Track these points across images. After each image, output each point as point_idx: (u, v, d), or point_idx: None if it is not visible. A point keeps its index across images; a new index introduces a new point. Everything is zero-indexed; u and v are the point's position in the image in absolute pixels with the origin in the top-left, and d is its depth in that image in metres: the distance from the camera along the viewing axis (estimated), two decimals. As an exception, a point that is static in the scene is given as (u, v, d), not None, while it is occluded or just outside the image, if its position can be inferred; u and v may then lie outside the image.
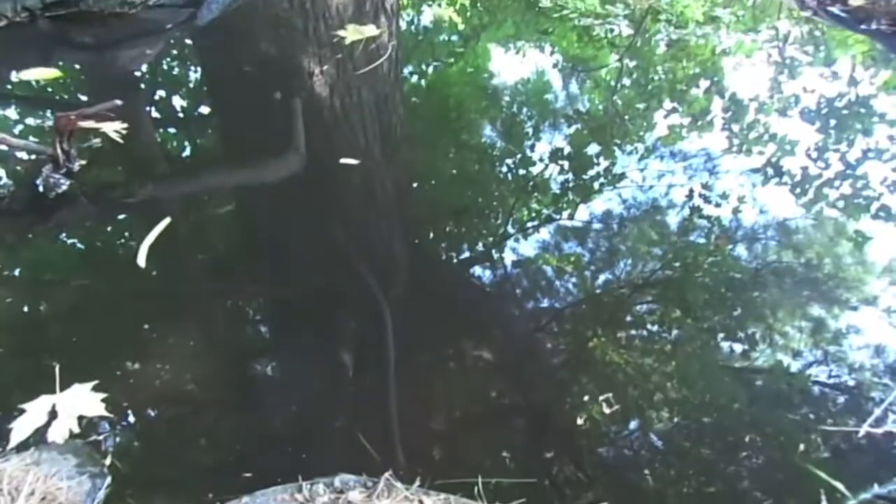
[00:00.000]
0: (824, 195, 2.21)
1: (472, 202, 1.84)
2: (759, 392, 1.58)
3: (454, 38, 3.39)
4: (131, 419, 1.46)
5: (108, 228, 1.99)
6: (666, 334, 1.72)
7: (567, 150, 2.44)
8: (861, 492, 1.32)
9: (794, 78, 2.97)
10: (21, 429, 1.35)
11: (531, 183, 2.22)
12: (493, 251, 2.00)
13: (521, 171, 2.33)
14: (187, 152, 2.40)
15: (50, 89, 2.63)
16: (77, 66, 2.81)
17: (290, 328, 1.75)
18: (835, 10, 3.17)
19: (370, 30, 3.07)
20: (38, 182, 1.99)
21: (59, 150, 2.00)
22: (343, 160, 2.22)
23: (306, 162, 2.25)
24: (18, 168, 2.03)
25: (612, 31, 3.44)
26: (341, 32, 3.03)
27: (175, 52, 3.01)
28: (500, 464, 1.39)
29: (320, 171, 2.21)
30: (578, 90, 3.00)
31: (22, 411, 1.38)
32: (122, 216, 2.03)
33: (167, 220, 1.92)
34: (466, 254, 1.95)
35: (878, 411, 1.48)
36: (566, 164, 2.36)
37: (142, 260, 1.80)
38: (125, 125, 2.12)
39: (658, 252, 1.97)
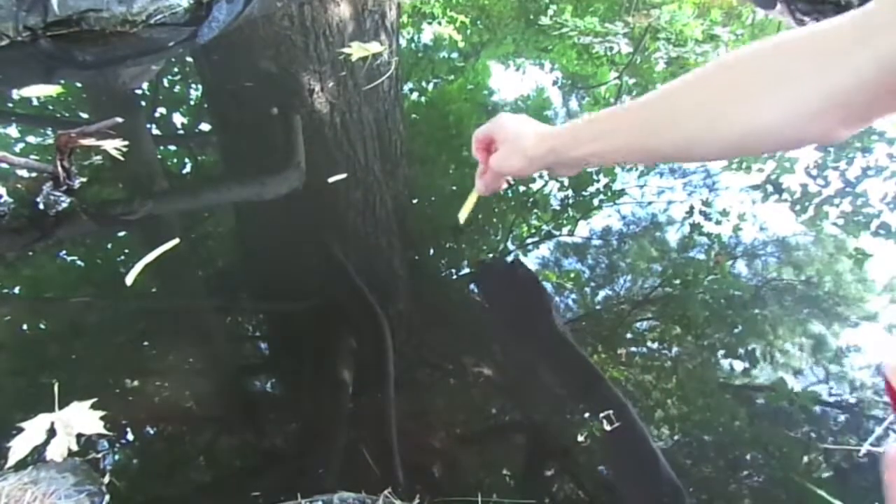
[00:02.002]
0: (824, 212, 2.21)
1: (472, 218, 1.84)
2: (760, 410, 1.57)
3: (454, 55, 3.40)
4: (130, 437, 1.45)
5: (109, 246, 2.00)
6: (666, 351, 1.71)
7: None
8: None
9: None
10: (19, 447, 1.35)
11: (531, 199, 2.22)
12: (493, 267, 2.00)
13: (521, 187, 2.33)
14: (188, 169, 2.40)
15: (51, 107, 2.64)
16: (78, 85, 2.82)
17: (290, 345, 1.75)
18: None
19: (374, 47, 3.09)
20: (38, 200, 2.00)
21: (59, 168, 2.01)
22: (331, 178, 2.23)
23: (306, 178, 2.26)
24: (19, 186, 2.03)
25: (611, 49, 3.46)
26: (346, 49, 3.05)
27: (176, 69, 3.03)
28: (500, 482, 1.39)
29: (320, 187, 2.21)
30: (578, 107, 3.01)
31: (20, 429, 1.38)
32: (122, 233, 2.03)
33: (174, 242, 1.92)
34: (466, 270, 1.95)
35: (879, 430, 1.48)
36: (565, 179, 2.36)
37: (130, 279, 1.80)
38: (126, 142, 2.13)
39: (658, 269, 1.97)
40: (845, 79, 0.70)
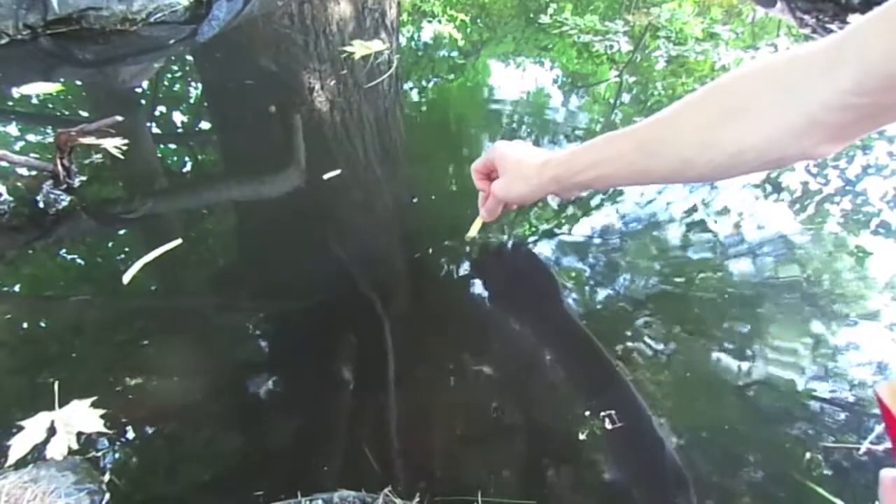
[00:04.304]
0: (824, 210, 2.21)
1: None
2: (759, 407, 1.57)
3: (454, 53, 3.40)
4: (130, 435, 1.45)
5: (109, 244, 2.00)
6: (666, 350, 1.71)
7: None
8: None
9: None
10: (19, 445, 1.35)
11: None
12: (493, 266, 2.00)
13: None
14: (187, 168, 2.40)
15: (51, 105, 2.64)
16: (78, 83, 2.82)
17: (290, 343, 1.75)
18: (833, 27, 3.19)
19: (376, 45, 3.10)
20: (38, 198, 2.00)
21: (59, 166, 2.01)
22: (326, 175, 2.23)
23: (306, 177, 2.26)
24: (19, 184, 2.03)
25: (611, 47, 3.46)
26: (349, 48, 3.06)
27: (176, 67, 3.02)
28: (501, 481, 1.39)
29: (320, 185, 2.21)
30: (578, 106, 3.00)
31: (20, 428, 1.38)
32: (122, 231, 2.03)
33: (177, 242, 1.92)
34: (466, 268, 1.95)
35: (878, 428, 1.47)
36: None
37: (127, 277, 1.80)
38: (126, 141, 2.13)
39: (657, 267, 1.97)
40: (820, 102, 0.72)
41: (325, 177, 2.23)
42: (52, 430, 1.39)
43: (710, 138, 0.86)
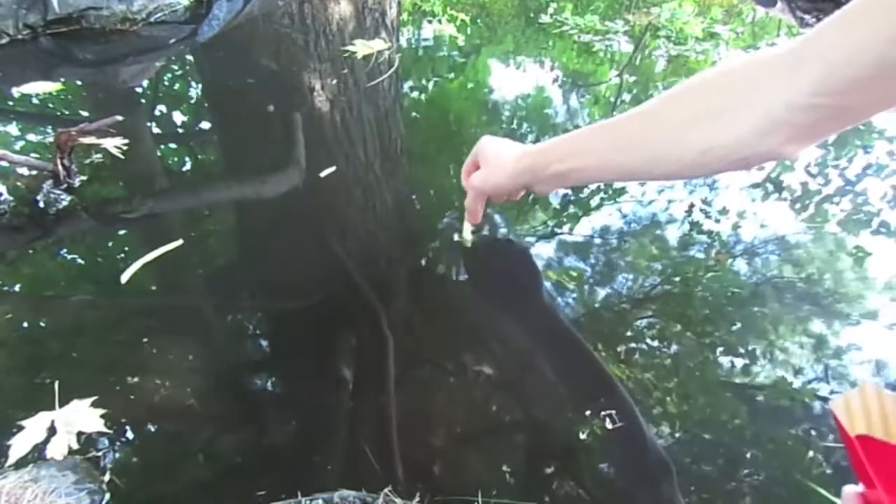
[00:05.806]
0: (824, 210, 2.21)
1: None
2: (760, 407, 1.57)
3: (454, 53, 3.40)
4: (130, 435, 1.45)
5: (109, 244, 1.99)
6: (666, 349, 1.71)
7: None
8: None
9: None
10: (19, 445, 1.35)
11: (531, 197, 2.21)
12: (493, 266, 2.00)
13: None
14: (187, 167, 2.40)
15: (51, 105, 2.64)
16: (78, 82, 2.82)
17: (290, 343, 1.74)
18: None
19: (378, 44, 3.10)
20: (38, 198, 2.00)
21: (59, 166, 2.01)
22: (323, 173, 2.23)
23: (306, 176, 2.26)
24: (19, 184, 2.03)
25: (611, 47, 3.46)
26: (351, 47, 3.05)
27: (176, 67, 3.02)
28: (501, 481, 1.39)
29: (320, 185, 2.21)
30: (578, 105, 3.00)
31: (20, 428, 1.38)
32: (122, 231, 2.03)
33: (178, 243, 1.92)
34: (466, 269, 1.95)
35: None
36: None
37: (125, 277, 1.80)
38: (126, 141, 2.13)
39: (658, 267, 1.97)
40: (783, 102, 0.73)
41: (322, 174, 2.23)
42: (52, 430, 1.39)
43: (681, 136, 0.87)
